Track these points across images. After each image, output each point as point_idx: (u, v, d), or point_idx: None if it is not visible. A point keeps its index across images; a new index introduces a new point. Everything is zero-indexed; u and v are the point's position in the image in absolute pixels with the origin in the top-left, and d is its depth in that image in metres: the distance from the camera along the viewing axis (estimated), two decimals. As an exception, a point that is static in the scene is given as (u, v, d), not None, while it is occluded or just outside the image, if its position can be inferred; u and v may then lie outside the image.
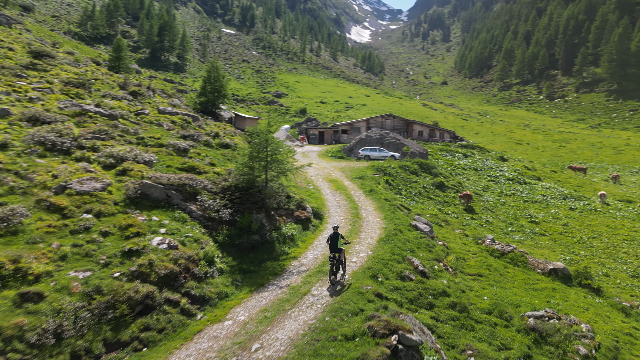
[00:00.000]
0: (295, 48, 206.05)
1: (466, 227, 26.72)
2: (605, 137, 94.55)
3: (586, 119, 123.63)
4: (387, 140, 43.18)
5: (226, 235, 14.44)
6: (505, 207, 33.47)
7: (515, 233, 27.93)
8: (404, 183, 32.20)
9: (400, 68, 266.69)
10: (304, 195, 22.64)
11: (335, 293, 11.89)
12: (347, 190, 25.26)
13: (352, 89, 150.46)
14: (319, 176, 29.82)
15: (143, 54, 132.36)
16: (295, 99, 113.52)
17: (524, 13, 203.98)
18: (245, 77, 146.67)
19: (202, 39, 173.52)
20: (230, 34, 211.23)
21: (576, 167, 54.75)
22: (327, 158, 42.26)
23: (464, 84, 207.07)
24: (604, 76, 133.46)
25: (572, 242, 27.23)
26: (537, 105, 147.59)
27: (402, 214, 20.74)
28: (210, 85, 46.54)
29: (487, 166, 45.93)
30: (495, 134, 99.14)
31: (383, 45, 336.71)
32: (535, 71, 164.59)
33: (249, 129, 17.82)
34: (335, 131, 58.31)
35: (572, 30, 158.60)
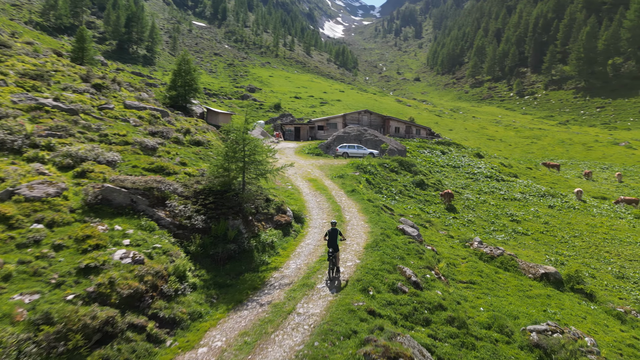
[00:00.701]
0: (268, 42, 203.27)
1: (449, 228, 25.96)
2: (574, 133, 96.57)
3: (555, 115, 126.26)
4: (365, 137, 42.19)
5: (199, 245, 12.95)
6: (485, 206, 32.99)
7: (498, 232, 27.37)
8: (384, 182, 31.24)
9: (373, 64, 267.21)
10: (283, 196, 21.29)
11: (335, 289, 11.27)
12: (328, 190, 24.04)
13: (326, 84, 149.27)
14: (298, 175, 28.50)
15: (110, 46, 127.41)
16: (269, 93, 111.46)
17: (495, 11, 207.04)
18: (217, 71, 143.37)
19: (172, 32, 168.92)
20: (202, 27, 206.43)
21: (550, 164, 55.22)
22: (305, 155, 40.95)
23: (437, 81, 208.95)
24: (572, 74, 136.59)
25: (554, 241, 26.85)
26: (508, 102, 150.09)
27: (387, 216, 19.68)
28: (181, 78, 44.41)
29: (464, 163, 45.57)
30: (469, 130, 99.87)
31: (356, 41, 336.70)
32: (505, 68, 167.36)
33: (224, 126, 16.30)
34: (311, 127, 56.98)
35: (541, 29, 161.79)
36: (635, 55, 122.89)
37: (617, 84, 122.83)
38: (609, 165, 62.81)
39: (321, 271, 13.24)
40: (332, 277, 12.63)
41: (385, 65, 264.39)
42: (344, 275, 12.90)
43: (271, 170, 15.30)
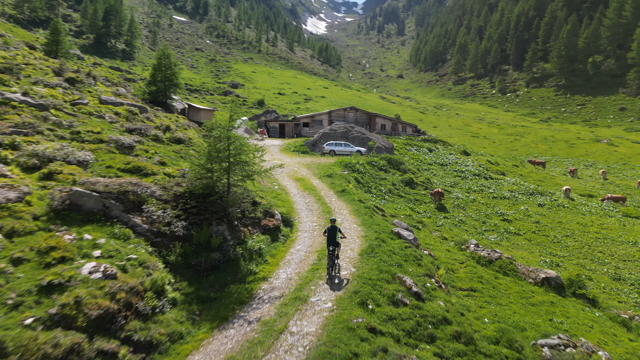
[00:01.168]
0: (251, 38, 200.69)
1: (441, 229, 25.18)
2: (556, 130, 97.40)
3: (537, 112, 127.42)
4: (352, 134, 41.20)
5: (180, 255, 11.72)
6: (475, 204, 32.36)
7: (490, 233, 26.73)
8: (373, 180, 30.30)
9: (356, 60, 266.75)
10: (270, 197, 20.14)
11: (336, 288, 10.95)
12: (317, 190, 22.95)
13: (310, 80, 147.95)
14: (284, 174, 27.33)
15: (87, 40, 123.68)
16: (252, 89, 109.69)
17: (476, 8, 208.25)
18: (198, 67, 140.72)
19: (152, 26, 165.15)
20: (183, 22, 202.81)
21: (535, 161, 55.14)
22: (290, 153, 39.76)
23: (420, 78, 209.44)
24: (553, 71, 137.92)
25: (546, 241, 26.30)
26: (491, 99, 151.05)
27: (380, 218, 18.70)
28: (161, 73, 42.81)
29: (452, 161, 45.00)
30: (453, 128, 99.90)
31: (339, 38, 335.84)
32: (488, 66, 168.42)
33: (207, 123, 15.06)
34: (296, 124, 55.77)
35: (522, 26, 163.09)
36: (614, 53, 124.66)
37: (597, 82, 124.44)
38: (593, 163, 63.17)
39: (314, 281, 12.16)
40: (331, 276, 12.35)
41: (369, 62, 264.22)
42: (339, 287, 11.84)
43: (259, 171, 14.15)
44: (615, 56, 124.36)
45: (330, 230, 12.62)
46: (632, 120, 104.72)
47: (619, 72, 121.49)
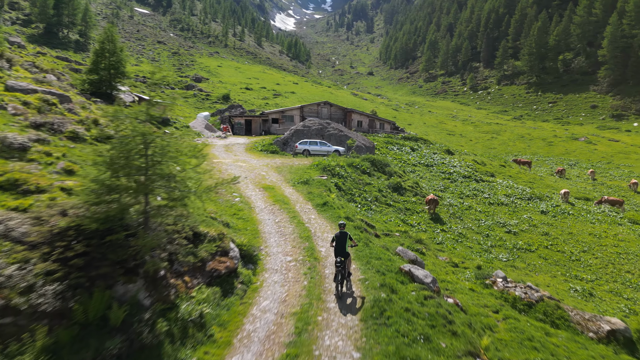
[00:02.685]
0: (217, 32, 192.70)
1: (443, 247, 20.54)
2: (531, 128, 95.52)
3: (509, 110, 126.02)
4: (329, 132, 36.17)
5: (44, 350, 6.43)
6: (472, 213, 27.99)
7: (497, 249, 22.30)
8: (356, 186, 25.38)
9: (326, 57, 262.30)
10: (227, 215, 14.87)
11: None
12: (290, 203, 17.75)
13: (279, 75, 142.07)
14: (249, 180, 21.99)
15: (36, 29, 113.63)
16: (218, 84, 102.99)
17: (446, 6, 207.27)
18: (160, 60, 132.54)
19: (111, 17, 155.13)
20: (145, 14, 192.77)
21: (521, 161, 51.67)
22: (257, 153, 34.36)
23: (390, 75, 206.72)
24: (524, 69, 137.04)
25: (563, 259, 22.07)
26: (462, 97, 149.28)
27: (379, 247, 13.69)
28: (105, 59, 36.49)
29: (437, 161, 40.70)
30: (428, 125, 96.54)
31: (308, 34, 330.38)
32: (459, 63, 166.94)
33: (106, 109, 9.62)
34: (264, 120, 50.26)
35: (492, 24, 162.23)
36: (584, 51, 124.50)
37: (568, 80, 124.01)
38: (576, 162, 60.54)
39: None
40: (340, 295, 10.34)
41: (338, 59, 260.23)
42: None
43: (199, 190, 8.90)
44: (585, 54, 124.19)
45: (339, 238, 10.65)
46: (604, 118, 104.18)
47: (589, 69, 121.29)
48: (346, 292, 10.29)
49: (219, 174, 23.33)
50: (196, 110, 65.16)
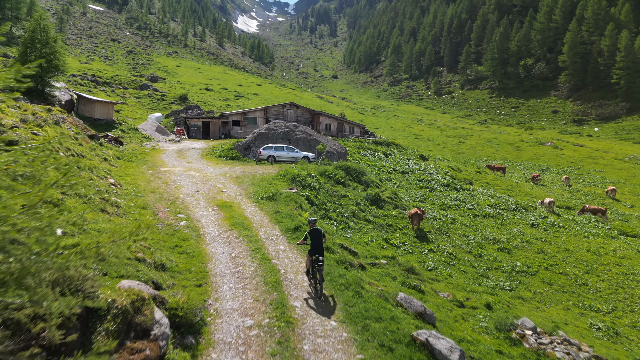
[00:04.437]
0: (177, 31, 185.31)
1: (437, 275, 17.23)
2: (497, 133, 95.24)
3: (473, 114, 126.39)
4: (296, 136, 32.40)
5: None
6: (458, 227, 24.98)
7: (495, 273, 19.26)
8: (331, 200, 21.76)
9: (289, 60, 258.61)
10: (165, 249, 10.88)
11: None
12: (252, 228, 13.83)
13: (241, 77, 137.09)
14: (201, 195, 17.89)
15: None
16: (175, 84, 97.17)
17: (409, 11, 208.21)
18: (114, 58, 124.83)
19: (62, 13, 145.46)
20: (99, 11, 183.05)
21: (495, 167, 49.57)
22: (215, 160, 30.13)
23: (355, 79, 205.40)
24: (487, 74, 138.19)
25: (569, 284, 19.26)
26: (427, 101, 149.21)
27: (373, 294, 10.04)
28: (35, 51, 31.33)
29: (412, 168, 37.76)
30: (395, 129, 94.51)
31: (271, 37, 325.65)
32: (422, 67, 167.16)
33: None
34: (224, 122, 45.88)
35: (455, 29, 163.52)
36: (545, 56, 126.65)
37: (529, 85, 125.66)
38: (547, 167, 59.43)
39: None
40: (318, 293, 9.84)
41: (302, 62, 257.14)
42: None
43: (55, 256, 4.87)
44: (546, 59, 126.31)
45: (314, 235, 10.29)
46: (565, 123, 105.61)
47: (550, 75, 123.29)
48: (321, 292, 9.74)
49: (164, 187, 19.12)
50: (150, 111, 59.87)
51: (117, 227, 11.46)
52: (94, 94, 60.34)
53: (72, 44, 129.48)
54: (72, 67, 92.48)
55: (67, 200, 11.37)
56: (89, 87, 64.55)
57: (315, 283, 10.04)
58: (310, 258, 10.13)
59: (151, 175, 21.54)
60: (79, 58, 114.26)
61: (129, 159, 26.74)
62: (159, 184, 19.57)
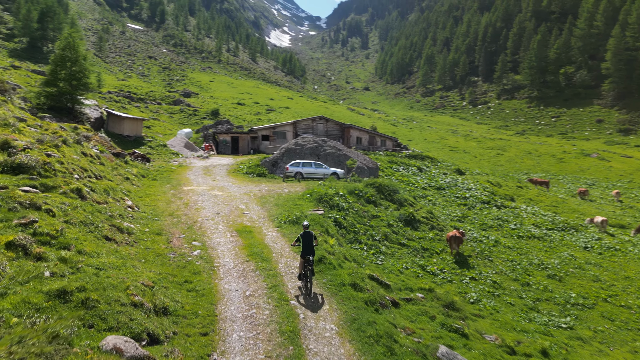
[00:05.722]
0: (211, 47, 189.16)
1: (480, 308, 15.34)
2: (538, 144, 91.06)
3: (510, 125, 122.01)
4: (325, 151, 31.10)
5: None
6: (501, 251, 22.88)
7: (546, 305, 17.17)
8: (360, 221, 20.22)
9: (321, 73, 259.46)
10: (173, 286, 9.70)
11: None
12: (272, 259, 12.50)
13: (273, 90, 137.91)
14: (221, 218, 16.74)
15: (20, 44, 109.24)
16: (208, 99, 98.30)
17: (441, 21, 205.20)
18: (150, 75, 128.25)
19: (102, 32, 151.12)
20: (137, 30, 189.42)
21: (537, 180, 46.71)
22: (241, 177, 29.18)
23: (387, 90, 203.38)
24: (524, 83, 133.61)
25: (633, 319, 16.95)
26: (461, 111, 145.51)
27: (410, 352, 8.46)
28: (65, 69, 31.46)
29: (449, 183, 35.68)
30: (429, 141, 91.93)
31: (303, 51, 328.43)
32: (457, 77, 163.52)
33: None
34: (253, 137, 45.20)
35: (490, 38, 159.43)
36: (586, 64, 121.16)
37: (570, 93, 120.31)
38: (594, 181, 55.73)
39: None
40: (309, 292, 10.97)
41: (334, 74, 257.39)
42: None
43: None
44: (587, 67, 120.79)
45: (305, 239, 11.35)
46: (611, 133, 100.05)
47: (592, 83, 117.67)
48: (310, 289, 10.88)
49: (184, 209, 18.11)
50: (181, 126, 60.15)
51: (121, 261, 10.35)
52: (127, 110, 61.27)
53: (111, 61, 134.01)
54: (110, 84, 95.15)
55: (68, 230, 10.36)
56: (123, 103, 65.68)
57: (306, 282, 11.04)
58: (302, 260, 11.17)
59: (173, 196, 20.64)
60: (117, 75, 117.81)
61: (153, 177, 26.10)
62: (179, 205, 18.59)
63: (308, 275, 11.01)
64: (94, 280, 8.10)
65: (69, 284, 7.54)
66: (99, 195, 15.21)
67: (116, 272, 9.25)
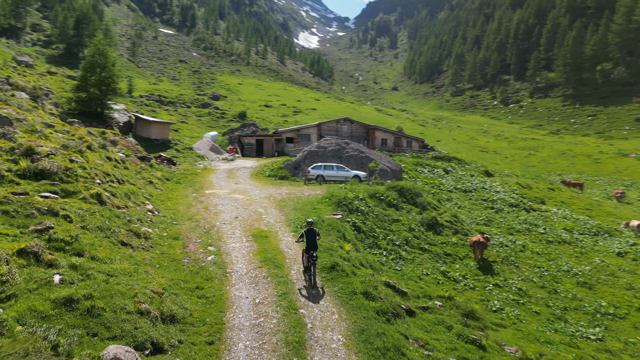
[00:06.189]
0: (240, 50, 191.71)
1: (502, 317, 14.81)
2: (572, 144, 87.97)
3: (544, 124, 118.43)
4: (347, 153, 30.88)
5: None
6: (528, 256, 22.09)
7: (574, 315, 16.42)
8: (381, 225, 19.91)
9: (349, 74, 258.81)
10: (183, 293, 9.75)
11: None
12: (285, 265, 12.43)
13: (300, 92, 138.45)
14: (239, 222, 16.80)
15: (57, 50, 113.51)
16: (236, 101, 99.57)
17: (472, 19, 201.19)
18: (180, 79, 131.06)
19: (135, 38, 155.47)
20: (169, 34, 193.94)
21: (571, 182, 45.02)
22: (263, 179, 29.31)
23: (415, 90, 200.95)
24: (559, 81, 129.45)
25: (670, 330, 15.93)
26: (492, 111, 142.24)
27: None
28: (95, 75, 32.40)
29: (476, 186, 34.78)
30: (458, 141, 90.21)
31: (331, 52, 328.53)
32: (487, 76, 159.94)
33: None
34: (278, 139, 45.42)
35: (522, 35, 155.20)
36: (624, 60, 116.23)
37: (608, 91, 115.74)
38: (632, 182, 53.29)
39: None
40: (313, 284, 11.65)
41: (362, 75, 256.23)
42: None
43: None
44: (626, 63, 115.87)
45: (309, 235, 12.01)
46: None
47: (631, 80, 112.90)
48: (315, 284, 11.58)
49: (203, 213, 18.27)
50: (209, 129, 61.10)
51: (134, 267, 10.47)
52: (157, 113, 62.64)
53: (144, 66, 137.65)
54: (141, 88, 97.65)
55: (84, 236, 10.55)
56: (153, 107, 67.26)
57: (310, 275, 11.76)
58: (306, 255, 11.85)
59: (194, 199, 20.88)
60: (149, 79, 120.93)
61: (177, 180, 26.51)
62: (199, 209, 18.78)
63: (312, 269, 11.74)
64: (102, 288, 8.20)
65: (76, 292, 7.64)
66: (119, 199, 15.50)
67: (127, 278, 9.35)
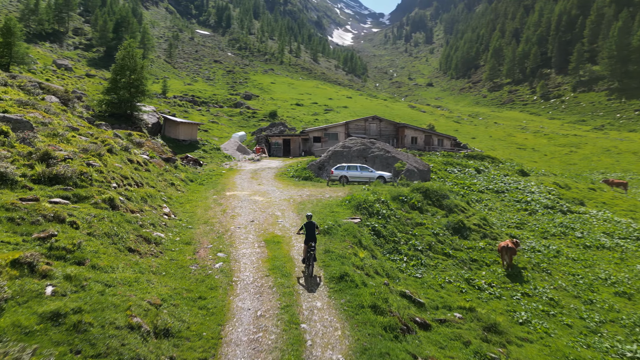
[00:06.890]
0: (274, 49, 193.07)
1: (529, 330, 13.86)
2: (618, 140, 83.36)
3: (587, 120, 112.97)
4: (373, 153, 30.13)
5: None
6: (563, 263, 20.77)
7: (609, 327, 15.22)
8: (402, 229, 19.18)
9: (383, 70, 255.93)
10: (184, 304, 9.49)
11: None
12: (293, 274, 11.97)
13: (332, 90, 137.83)
14: (254, 226, 16.51)
15: (97, 53, 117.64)
16: (268, 101, 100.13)
17: (511, 11, 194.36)
18: (215, 79, 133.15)
19: (172, 40, 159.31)
20: (205, 35, 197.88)
21: (614, 182, 42.50)
22: (287, 180, 29.04)
23: (451, 85, 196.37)
24: (604, 74, 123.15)
25: None
26: (532, 106, 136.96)
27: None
28: (125, 78, 33.02)
29: (510, 186, 33.27)
30: (494, 138, 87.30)
31: (365, 48, 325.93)
32: (527, 70, 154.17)
33: None
34: (305, 139, 45.08)
35: (564, 27, 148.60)
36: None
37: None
38: (684, 181, 49.74)
39: None
40: (311, 273, 12.39)
41: (396, 71, 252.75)
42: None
43: None
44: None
45: (307, 227, 12.88)
46: None
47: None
48: (311, 273, 12.34)
49: (220, 216, 18.11)
50: (239, 129, 61.57)
51: (136, 275, 10.29)
52: (189, 113, 63.67)
53: (180, 67, 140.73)
54: (176, 88, 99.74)
55: (88, 243, 10.47)
56: (186, 107, 68.43)
57: (308, 265, 12.38)
58: (305, 246, 12.58)
59: (213, 202, 20.78)
60: (184, 80, 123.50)
61: (200, 181, 26.61)
62: (216, 212, 18.63)
63: (310, 261, 12.39)
64: (94, 300, 8.01)
65: (65, 305, 7.45)
66: (134, 203, 15.49)
67: (125, 288, 9.16)
